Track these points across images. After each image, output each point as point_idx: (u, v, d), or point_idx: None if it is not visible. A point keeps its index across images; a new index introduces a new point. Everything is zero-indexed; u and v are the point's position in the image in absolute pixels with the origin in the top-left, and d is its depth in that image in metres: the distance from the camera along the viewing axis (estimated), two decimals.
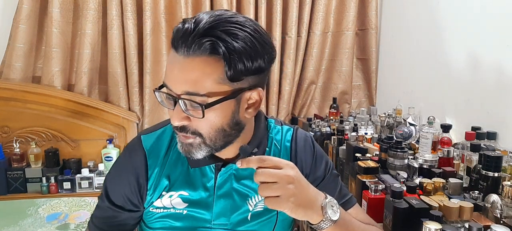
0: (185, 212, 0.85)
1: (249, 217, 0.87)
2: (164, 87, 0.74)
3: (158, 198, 0.86)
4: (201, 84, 0.69)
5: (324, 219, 0.72)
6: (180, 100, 0.71)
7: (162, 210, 0.86)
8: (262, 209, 0.88)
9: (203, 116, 0.70)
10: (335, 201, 0.76)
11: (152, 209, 0.87)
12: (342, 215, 0.75)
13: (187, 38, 0.68)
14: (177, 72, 0.70)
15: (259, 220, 0.88)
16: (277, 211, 0.88)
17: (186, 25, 0.69)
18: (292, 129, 0.93)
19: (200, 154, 0.77)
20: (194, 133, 0.75)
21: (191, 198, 0.85)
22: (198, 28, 0.68)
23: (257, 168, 0.69)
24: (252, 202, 0.87)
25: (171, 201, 0.85)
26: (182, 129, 0.75)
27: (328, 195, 0.75)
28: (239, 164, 0.70)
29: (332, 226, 0.73)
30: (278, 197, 0.68)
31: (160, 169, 0.86)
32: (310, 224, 0.74)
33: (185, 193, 0.85)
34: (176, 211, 0.85)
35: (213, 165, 0.85)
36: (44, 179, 2.13)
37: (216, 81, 0.70)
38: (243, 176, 0.86)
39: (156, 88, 0.75)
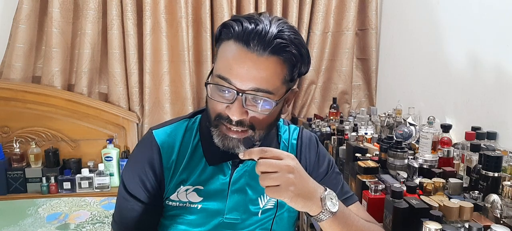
0: (199, 206, 0.87)
1: (259, 214, 0.90)
2: (223, 80, 0.75)
3: (175, 192, 0.87)
4: (271, 83, 0.74)
5: (323, 211, 0.73)
6: (244, 95, 0.73)
7: (177, 203, 0.87)
8: (272, 206, 0.90)
9: (270, 113, 0.76)
10: (334, 194, 0.77)
11: (168, 203, 0.88)
12: (341, 208, 0.77)
13: (264, 39, 0.72)
14: (248, 68, 0.73)
15: (268, 217, 0.91)
16: (276, 209, 0.90)
17: (260, 26, 0.73)
18: (298, 129, 0.97)
19: (242, 148, 0.78)
20: (249, 126, 0.77)
21: (207, 193, 0.87)
22: (272, 30, 0.73)
23: (258, 159, 0.71)
24: (263, 199, 0.90)
25: (186, 195, 0.87)
26: (239, 123, 0.76)
27: (327, 188, 0.77)
28: (241, 155, 0.74)
29: (331, 218, 0.74)
30: (278, 186, 0.69)
31: (176, 163, 0.87)
32: (310, 215, 0.75)
33: (200, 187, 0.87)
34: (191, 205, 0.87)
35: (230, 161, 0.87)
36: (44, 179, 2.13)
37: (281, 81, 0.76)
38: (256, 173, 0.88)
39: (208, 81, 0.78)
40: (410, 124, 1.68)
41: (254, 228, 0.90)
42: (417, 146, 1.56)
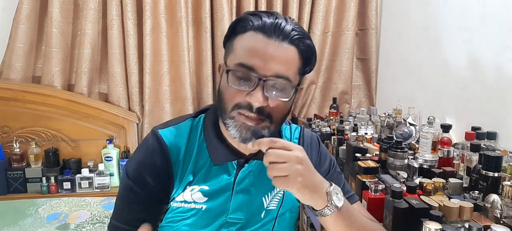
0: (204, 207, 0.86)
1: (262, 215, 0.89)
2: (243, 68, 0.75)
3: (181, 193, 0.86)
4: (291, 70, 0.77)
5: (328, 205, 0.74)
6: (265, 82, 0.75)
7: (182, 204, 0.86)
8: (274, 207, 0.91)
9: (288, 101, 0.78)
10: (340, 189, 0.78)
11: (173, 204, 0.87)
12: (346, 204, 0.77)
13: (283, 30, 0.76)
14: (269, 56, 0.75)
15: (270, 218, 0.91)
16: (278, 210, 0.90)
17: (279, 20, 0.77)
18: (299, 128, 0.98)
19: (252, 139, 0.78)
20: (268, 115, 0.78)
21: (211, 192, 0.86)
22: (288, 24, 0.77)
23: (267, 149, 0.71)
24: (267, 199, 0.90)
25: (192, 195, 0.86)
26: (259, 110, 0.76)
27: (333, 183, 0.77)
28: (250, 145, 0.76)
29: (336, 213, 0.75)
30: (287, 177, 0.70)
31: (183, 163, 0.86)
32: (315, 209, 0.75)
33: (205, 187, 0.86)
34: (196, 206, 0.86)
35: (235, 161, 0.87)
36: (44, 179, 2.13)
37: (297, 71, 0.79)
38: (262, 172, 0.88)
39: (229, 69, 0.77)
40: (410, 124, 1.68)
41: (257, 228, 0.90)
42: (417, 146, 1.56)
